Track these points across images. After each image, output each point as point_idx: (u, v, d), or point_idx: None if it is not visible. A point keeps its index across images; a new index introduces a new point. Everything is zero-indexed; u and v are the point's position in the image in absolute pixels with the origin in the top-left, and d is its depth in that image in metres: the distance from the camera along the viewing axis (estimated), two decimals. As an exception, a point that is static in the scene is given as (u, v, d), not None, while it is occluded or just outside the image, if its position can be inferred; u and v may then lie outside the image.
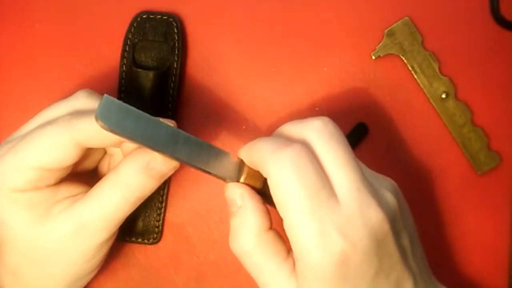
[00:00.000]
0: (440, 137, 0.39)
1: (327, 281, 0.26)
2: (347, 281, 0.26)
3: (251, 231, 0.28)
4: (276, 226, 0.29)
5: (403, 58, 0.39)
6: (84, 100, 0.31)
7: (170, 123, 0.29)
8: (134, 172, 0.29)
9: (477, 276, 0.38)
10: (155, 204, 0.38)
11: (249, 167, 0.30)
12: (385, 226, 0.27)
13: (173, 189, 0.39)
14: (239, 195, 0.29)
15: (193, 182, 0.39)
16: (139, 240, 0.38)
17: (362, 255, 0.26)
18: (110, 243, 0.32)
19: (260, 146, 0.28)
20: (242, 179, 0.30)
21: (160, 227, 0.38)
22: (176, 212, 0.39)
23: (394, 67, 0.39)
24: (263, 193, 0.30)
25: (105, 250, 0.31)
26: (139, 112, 0.26)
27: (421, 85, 0.39)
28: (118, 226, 0.31)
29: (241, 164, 0.30)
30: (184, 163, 0.28)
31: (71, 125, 0.28)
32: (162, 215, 0.38)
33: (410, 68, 0.39)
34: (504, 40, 0.39)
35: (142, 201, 0.30)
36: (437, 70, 0.39)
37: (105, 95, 0.25)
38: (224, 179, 0.30)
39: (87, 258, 0.30)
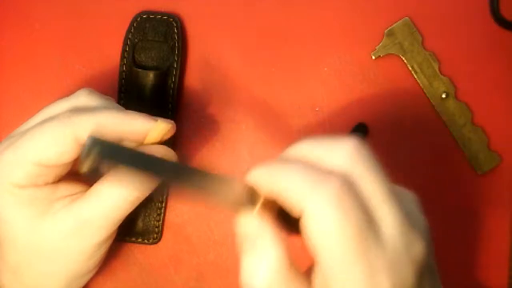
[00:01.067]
0: (440, 137, 0.39)
1: None
2: None
3: (272, 269, 0.24)
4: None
5: (403, 58, 0.39)
6: (84, 98, 0.31)
7: (169, 123, 0.29)
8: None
9: (477, 276, 0.38)
10: (155, 204, 0.38)
11: (263, 196, 0.25)
12: (426, 256, 0.24)
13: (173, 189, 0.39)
14: (257, 228, 0.25)
15: (193, 182, 0.39)
16: (139, 240, 0.38)
17: None
18: (109, 242, 0.32)
19: (291, 175, 0.24)
20: (256, 209, 0.25)
21: (160, 227, 0.38)
22: (176, 212, 0.39)
23: (394, 67, 0.39)
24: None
25: (104, 249, 0.31)
26: (133, 152, 0.24)
27: (421, 85, 0.39)
28: (118, 225, 0.31)
29: (253, 190, 0.26)
30: (192, 194, 0.25)
31: (71, 121, 0.29)
32: (162, 215, 0.38)
33: (410, 68, 0.39)
34: (504, 40, 0.39)
35: (141, 200, 0.30)
36: (437, 70, 0.39)
37: (89, 135, 0.22)
38: (235, 209, 0.26)
39: (86, 257, 0.30)
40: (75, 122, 0.29)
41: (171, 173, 0.24)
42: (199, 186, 0.25)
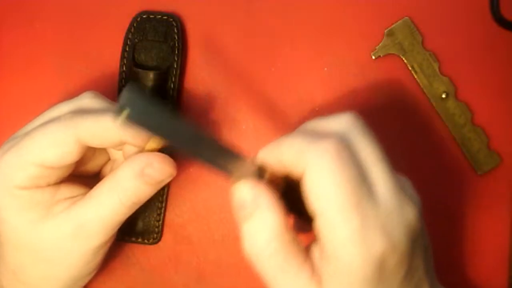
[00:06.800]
0: (440, 137, 0.39)
1: (360, 283, 0.24)
2: (379, 283, 0.25)
3: (272, 231, 0.26)
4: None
5: (403, 58, 0.39)
6: (88, 101, 0.31)
7: None
8: (130, 178, 0.29)
9: (477, 276, 0.38)
10: (155, 204, 0.38)
11: (271, 172, 0.28)
12: (419, 224, 0.26)
13: (173, 189, 0.39)
14: (252, 195, 0.26)
15: (193, 182, 0.39)
16: (139, 240, 0.38)
17: (400, 256, 0.25)
18: (108, 246, 0.32)
19: (294, 140, 0.26)
20: (264, 180, 0.28)
21: (160, 227, 0.38)
22: (176, 212, 0.39)
23: (394, 67, 0.39)
24: (283, 201, 0.28)
25: (103, 252, 0.31)
26: (162, 107, 0.25)
27: (421, 85, 0.39)
28: (116, 229, 0.31)
29: (261, 169, 0.28)
30: (203, 163, 0.26)
31: (74, 122, 0.28)
32: (162, 215, 0.38)
33: (410, 68, 0.39)
34: (504, 40, 0.39)
35: (139, 205, 0.30)
36: (437, 70, 0.39)
37: (128, 85, 0.24)
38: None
39: (85, 260, 0.30)
40: (77, 124, 0.28)
41: (193, 137, 0.25)
42: (214, 159, 0.26)
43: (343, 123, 0.27)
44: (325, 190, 0.24)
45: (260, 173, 0.28)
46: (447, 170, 0.39)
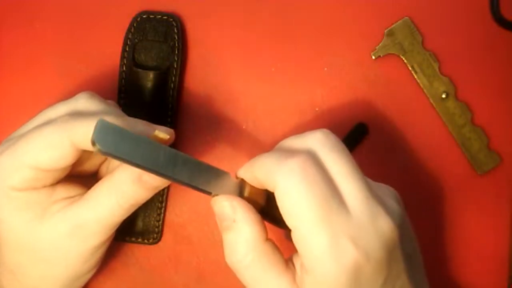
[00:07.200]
0: (440, 137, 0.39)
1: None
2: None
3: (249, 243, 0.27)
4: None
5: (403, 58, 0.39)
6: (84, 101, 0.31)
7: (167, 133, 0.29)
8: (128, 182, 0.29)
9: (476, 276, 0.38)
10: (155, 204, 0.38)
11: (250, 186, 0.29)
12: (395, 234, 0.27)
13: (173, 189, 0.39)
14: (230, 208, 0.28)
15: (193, 182, 0.39)
16: (139, 240, 0.38)
17: (375, 264, 0.26)
18: (106, 245, 0.32)
19: (264, 160, 0.27)
20: (245, 194, 0.29)
21: (160, 227, 0.38)
22: (176, 212, 0.39)
23: (394, 67, 0.39)
24: (266, 212, 0.29)
25: (101, 251, 0.31)
26: (136, 135, 0.26)
27: (421, 85, 0.39)
28: (114, 229, 0.31)
29: (242, 183, 0.29)
30: (184, 185, 0.28)
31: (68, 126, 0.28)
32: (162, 215, 0.38)
33: (410, 68, 0.39)
34: (504, 40, 0.39)
35: (137, 207, 0.30)
36: (437, 70, 0.39)
37: (99, 119, 0.25)
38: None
39: (83, 260, 0.30)
40: (72, 127, 0.28)
41: (170, 160, 0.26)
42: (194, 179, 0.27)
43: (314, 140, 0.28)
44: (293, 208, 0.26)
45: (241, 187, 0.29)
46: (447, 170, 0.39)
